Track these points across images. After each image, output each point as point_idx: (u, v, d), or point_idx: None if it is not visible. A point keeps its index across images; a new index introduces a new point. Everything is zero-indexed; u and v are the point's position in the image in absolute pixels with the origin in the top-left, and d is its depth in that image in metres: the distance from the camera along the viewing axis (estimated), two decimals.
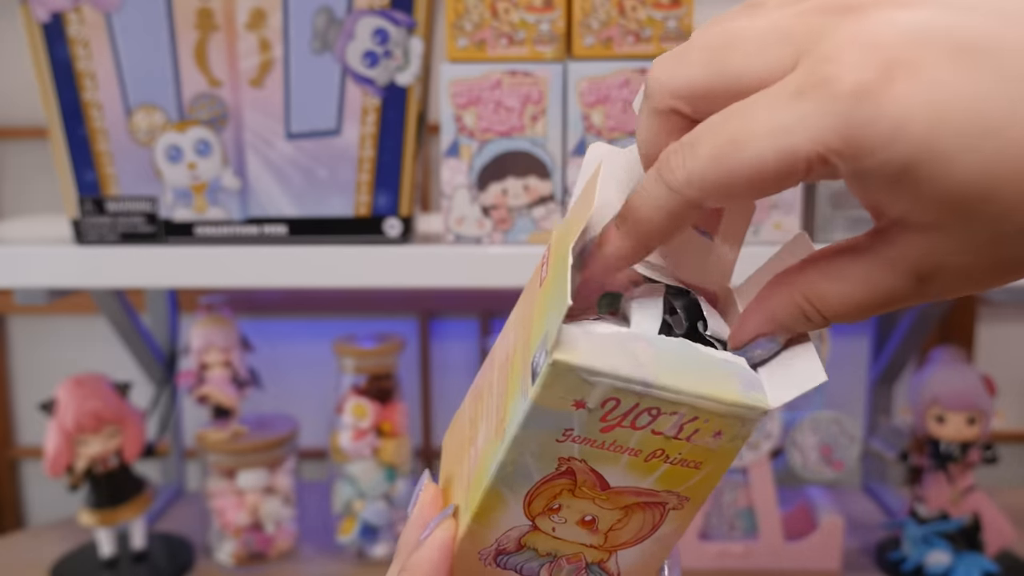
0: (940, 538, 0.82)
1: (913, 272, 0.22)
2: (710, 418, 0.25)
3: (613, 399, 0.24)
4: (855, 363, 1.08)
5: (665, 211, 0.24)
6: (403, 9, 0.65)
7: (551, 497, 0.26)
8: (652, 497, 0.26)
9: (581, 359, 0.24)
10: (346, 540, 0.87)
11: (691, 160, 0.23)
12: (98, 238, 0.70)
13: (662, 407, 0.25)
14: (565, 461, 0.26)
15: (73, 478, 0.80)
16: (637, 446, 0.25)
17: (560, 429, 0.25)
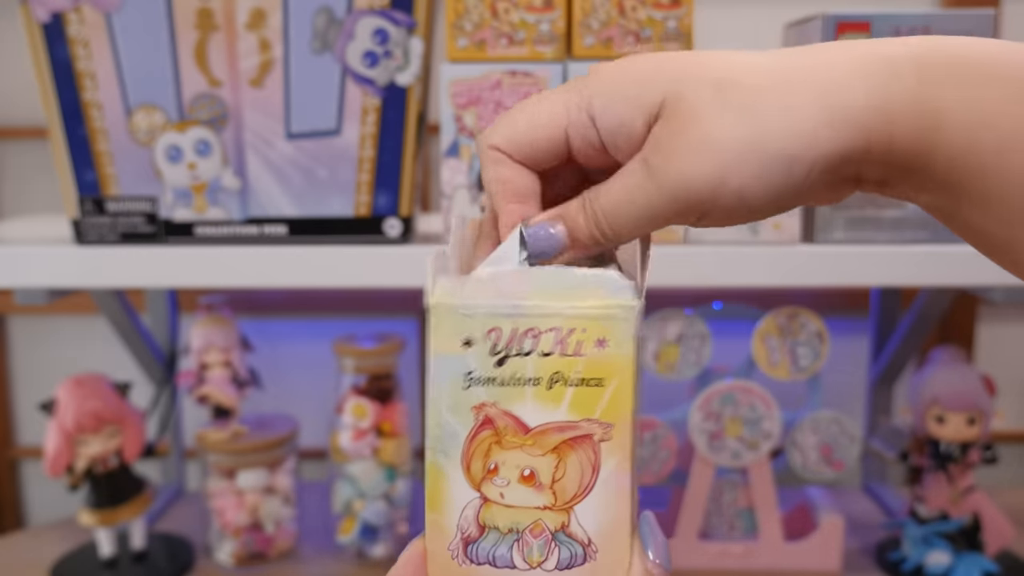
0: (940, 538, 0.82)
1: (643, 162, 0.28)
2: (586, 326, 0.27)
3: (494, 329, 0.27)
4: (855, 363, 1.08)
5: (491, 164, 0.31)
6: (403, 9, 0.65)
7: (484, 455, 0.28)
8: (574, 430, 0.27)
9: (455, 299, 0.27)
10: (346, 540, 0.87)
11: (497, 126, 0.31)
12: (98, 238, 0.70)
13: (539, 325, 0.27)
14: (479, 409, 0.28)
15: (73, 478, 0.80)
16: (535, 374, 0.27)
17: (461, 374, 0.27)
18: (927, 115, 0.26)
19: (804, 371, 0.81)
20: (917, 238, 0.68)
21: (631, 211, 0.28)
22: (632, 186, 0.28)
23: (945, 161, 0.26)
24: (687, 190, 0.27)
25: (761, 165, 0.26)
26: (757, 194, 0.27)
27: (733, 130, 0.26)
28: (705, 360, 0.81)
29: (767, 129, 0.26)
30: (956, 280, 0.68)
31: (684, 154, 0.27)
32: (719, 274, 0.67)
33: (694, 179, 0.27)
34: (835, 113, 0.26)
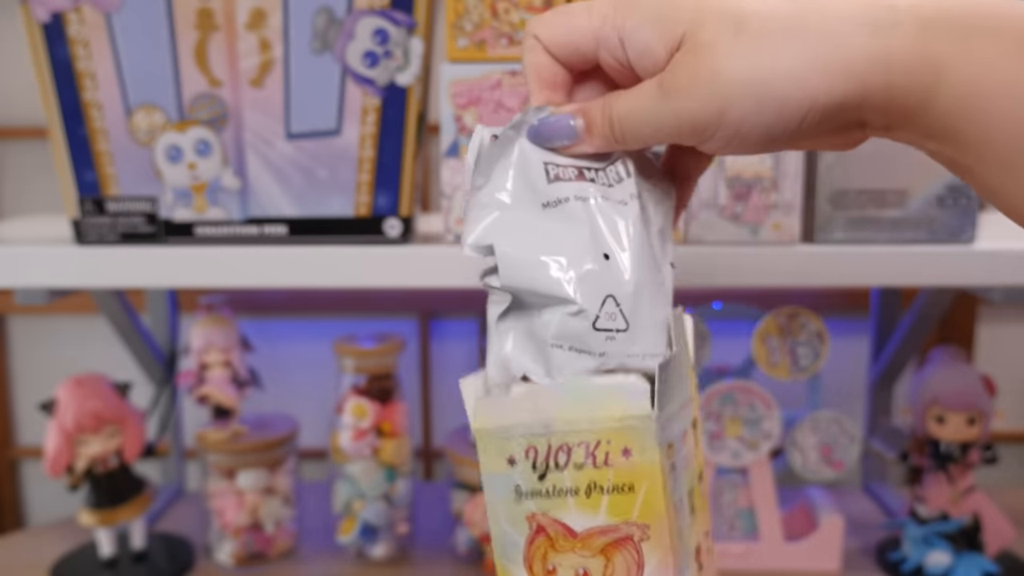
0: (940, 538, 0.82)
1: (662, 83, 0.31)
2: (611, 437, 0.29)
3: (530, 448, 0.30)
4: (855, 363, 1.08)
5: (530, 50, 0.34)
6: (403, 9, 0.65)
7: (542, 558, 0.31)
8: (616, 532, 0.30)
9: (494, 422, 0.31)
10: (346, 540, 0.87)
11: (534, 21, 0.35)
12: (98, 238, 0.70)
13: (569, 440, 0.30)
14: (531, 519, 0.30)
15: (73, 478, 0.80)
16: (573, 484, 0.30)
17: (511, 489, 0.30)
18: (927, 64, 0.27)
19: (804, 371, 0.81)
20: (917, 238, 0.68)
21: (640, 121, 0.31)
22: (644, 101, 0.31)
23: (944, 109, 0.27)
24: (691, 116, 0.30)
25: (757, 103, 0.29)
26: (752, 130, 0.29)
27: (738, 68, 0.29)
28: (705, 360, 0.81)
29: (768, 70, 0.28)
30: (956, 280, 0.68)
31: (693, 84, 0.29)
32: (719, 274, 0.67)
33: (697, 108, 0.29)
34: (831, 62, 0.28)
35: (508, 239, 0.31)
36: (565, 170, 0.33)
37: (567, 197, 0.32)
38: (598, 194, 0.32)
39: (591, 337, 0.30)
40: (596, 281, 0.30)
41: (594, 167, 0.33)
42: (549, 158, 0.33)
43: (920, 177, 0.67)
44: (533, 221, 0.32)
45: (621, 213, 0.32)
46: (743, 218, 0.68)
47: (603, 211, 0.32)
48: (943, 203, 0.68)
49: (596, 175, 0.33)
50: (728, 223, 0.68)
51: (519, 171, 0.33)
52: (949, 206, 0.68)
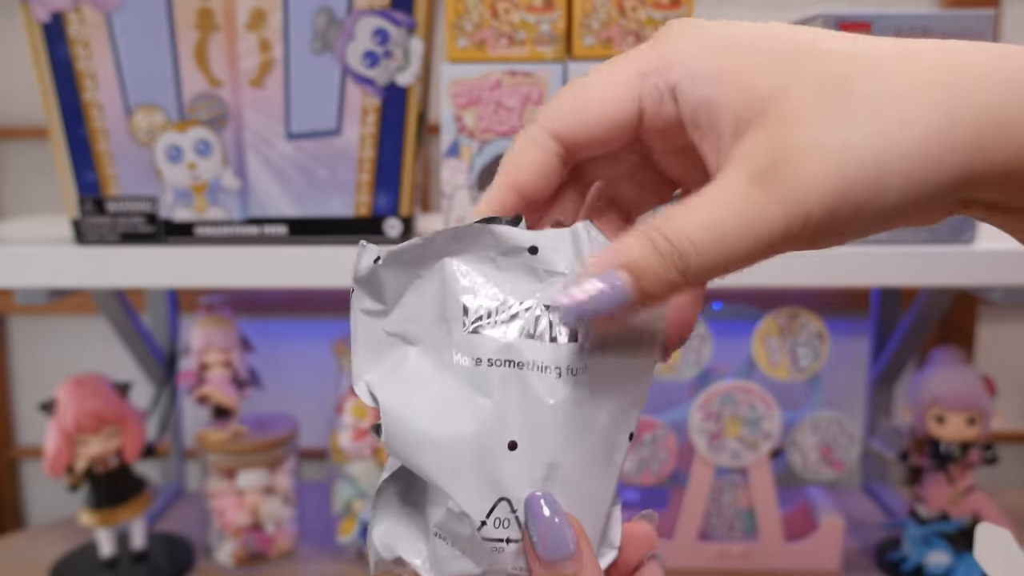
0: (940, 538, 0.82)
1: (749, 171, 0.23)
2: None
3: None
4: (855, 363, 1.08)
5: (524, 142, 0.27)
6: (403, 9, 0.65)
7: None
8: None
9: None
10: (346, 540, 0.87)
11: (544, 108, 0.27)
12: (98, 238, 0.70)
13: None
14: None
15: (73, 478, 0.80)
16: None
17: None
18: None
19: (804, 371, 0.81)
20: (917, 238, 0.68)
21: (733, 236, 0.23)
22: (734, 202, 0.23)
23: None
24: (807, 204, 0.22)
25: (879, 184, 0.22)
26: (869, 215, 0.23)
27: (852, 143, 0.22)
28: (705, 360, 0.81)
29: (889, 144, 0.22)
30: (956, 280, 0.68)
31: (803, 163, 0.22)
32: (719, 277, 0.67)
33: (816, 192, 0.22)
34: (963, 133, 0.22)
35: (399, 396, 0.26)
36: (493, 316, 0.26)
37: (485, 359, 0.25)
38: (528, 355, 0.25)
39: (475, 545, 0.26)
40: (490, 478, 0.25)
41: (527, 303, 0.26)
42: (472, 288, 0.26)
43: None
44: (433, 377, 0.26)
45: (551, 389, 0.25)
46: None
47: (525, 383, 0.25)
48: None
49: (535, 325, 0.25)
50: None
51: (437, 303, 0.26)
52: None
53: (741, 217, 0.23)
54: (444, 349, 0.26)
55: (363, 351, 0.27)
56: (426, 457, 0.25)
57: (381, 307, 0.27)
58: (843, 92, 0.22)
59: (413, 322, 0.27)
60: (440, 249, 0.26)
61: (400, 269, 0.27)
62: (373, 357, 0.27)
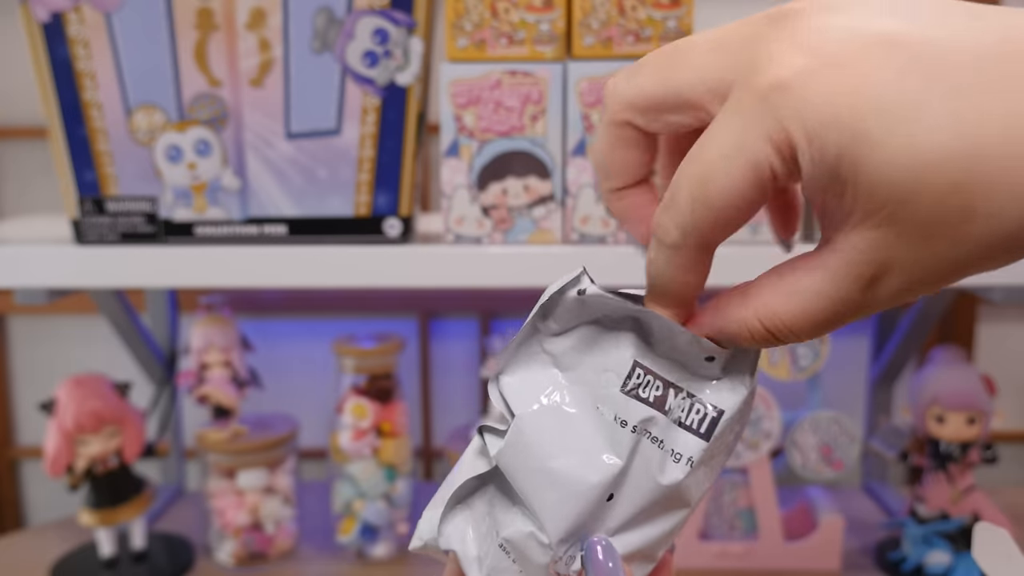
0: (940, 538, 0.82)
1: (861, 277, 0.22)
2: None
3: None
4: (855, 363, 1.08)
5: (680, 267, 0.25)
6: (403, 9, 0.65)
7: None
8: None
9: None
10: (346, 540, 0.87)
11: (676, 214, 0.24)
12: (98, 238, 0.70)
13: None
14: None
15: (73, 478, 0.80)
16: None
17: None
18: None
19: (804, 371, 0.81)
20: None
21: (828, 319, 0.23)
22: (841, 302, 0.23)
23: None
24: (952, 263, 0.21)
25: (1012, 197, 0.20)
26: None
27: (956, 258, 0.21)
28: None
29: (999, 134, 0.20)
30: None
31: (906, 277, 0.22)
32: (719, 274, 0.67)
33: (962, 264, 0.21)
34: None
35: (536, 419, 0.27)
36: (651, 384, 0.27)
37: (630, 422, 0.26)
38: (660, 431, 0.27)
39: (539, 572, 0.27)
40: (584, 522, 0.26)
41: (686, 389, 0.27)
42: (644, 355, 0.27)
43: None
44: (575, 415, 0.27)
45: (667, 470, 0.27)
46: None
47: (649, 453, 0.27)
48: None
49: (677, 403, 0.27)
50: None
51: (606, 352, 0.27)
52: None
53: (838, 311, 0.23)
54: (594, 394, 0.27)
55: (514, 354, 0.28)
56: (538, 484, 0.26)
57: (555, 328, 0.28)
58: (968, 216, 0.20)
59: (573, 355, 0.28)
60: (634, 313, 0.27)
61: (591, 309, 0.27)
62: (521, 363, 0.28)
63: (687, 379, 0.27)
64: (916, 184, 0.20)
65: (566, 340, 0.28)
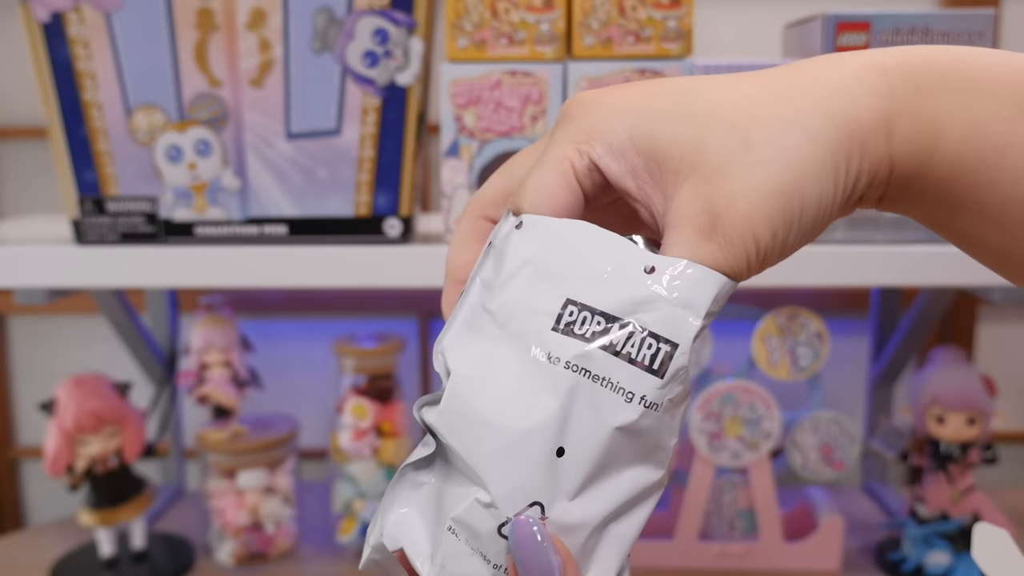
0: (940, 538, 0.82)
1: (702, 229, 0.25)
2: None
3: None
4: (855, 363, 1.08)
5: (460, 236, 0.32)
6: (403, 9, 0.65)
7: None
8: None
9: None
10: (346, 540, 0.87)
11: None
12: (98, 238, 0.70)
13: None
14: None
15: (73, 478, 0.80)
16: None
17: None
18: (924, 127, 0.25)
19: (804, 371, 0.81)
20: (917, 238, 0.68)
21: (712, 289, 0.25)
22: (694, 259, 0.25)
23: (942, 173, 0.26)
24: (755, 241, 0.25)
25: (801, 212, 0.25)
26: (794, 240, 0.26)
27: (773, 183, 0.25)
28: (705, 360, 0.81)
29: (799, 176, 0.25)
30: (956, 280, 0.68)
31: (737, 211, 0.25)
32: None
33: (756, 229, 0.25)
34: (852, 139, 0.25)
35: (472, 372, 0.26)
36: (588, 319, 0.25)
37: (563, 360, 0.25)
38: (604, 368, 0.25)
39: (488, 544, 0.25)
40: (529, 479, 0.24)
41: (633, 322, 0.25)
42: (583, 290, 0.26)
43: None
44: (509, 364, 0.26)
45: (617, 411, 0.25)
46: None
47: (595, 397, 0.25)
48: None
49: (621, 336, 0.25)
50: None
51: (541, 292, 0.26)
52: None
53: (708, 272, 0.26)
54: (528, 339, 0.25)
55: (459, 319, 0.27)
56: (474, 438, 0.25)
57: (495, 279, 0.27)
58: (746, 143, 0.25)
59: (511, 306, 0.26)
60: (567, 242, 0.26)
61: (529, 243, 0.27)
62: (463, 328, 0.27)
63: (632, 311, 0.25)
64: (700, 131, 0.26)
65: (505, 291, 0.26)
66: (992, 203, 0.25)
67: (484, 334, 0.27)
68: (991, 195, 0.25)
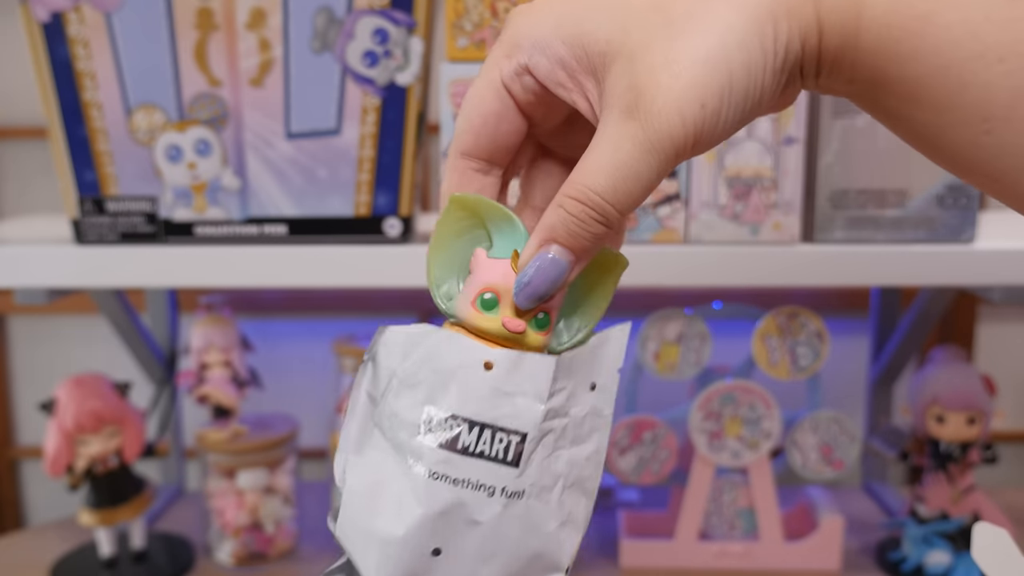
0: (940, 538, 0.82)
1: (627, 107, 0.25)
2: None
3: None
4: (855, 363, 1.08)
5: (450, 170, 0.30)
6: (403, 9, 0.65)
7: None
8: None
9: None
10: None
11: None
12: (98, 238, 0.70)
13: None
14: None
15: (73, 478, 0.80)
16: None
17: None
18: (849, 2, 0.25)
19: (804, 371, 0.81)
20: (917, 238, 0.68)
21: (633, 166, 0.25)
22: (620, 139, 0.25)
23: (868, 44, 0.25)
24: (679, 113, 0.25)
25: (730, 81, 0.25)
26: (730, 113, 0.26)
27: (695, 54, 0.25)
28: (705, 360, 0.81)
29: (722, 43, 0.25)
30: (956, 280, 0.68)
31: (661, 83, 0.25)
32: (719, 274, 0.67)
33: (681, 100, 0.25)
34: (777, 4, 0.25)
35: (360, 484, 0.27)
36: (443, 424, 0.27)
37: (428, 468, 0.27)
38: (462, 471, 0.26)
39: None
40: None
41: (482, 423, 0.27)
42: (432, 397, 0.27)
43: (920, 177, 0.67)
44: (394, 474, 0.27)
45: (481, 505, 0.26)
46: (743, 218, 0.68)
47: (457, 497, 0.26)
48: (943, 203, 0.68)
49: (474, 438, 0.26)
50: (728, 223, 0.68)
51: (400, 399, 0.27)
52: (949, 206, 0.68)
53: (630, 151, 0.25)
54: (404, 450, 0.27)
55: (353, 433, 0.28)
56: (362, 548, 0.26)
57: (375, 392, 0.28)
58: (667, 20, 0.25)
59: (388, 419, 0.28)
60: (420, 350, 0.27)
61: (390, 355, 0.28)
62: (358, 442, 0.28)
63: (480, 410, 0.27)
64: (625, 14, 0.26)
65: (383, 404, 0.28)
66: (916, 76, 0.25)
67: (375, 447, 0.28)
68: (915, 67, 0.25)
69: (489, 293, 0.27)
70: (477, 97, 0.29)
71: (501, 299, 0.27)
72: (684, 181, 0.68)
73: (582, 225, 0.26)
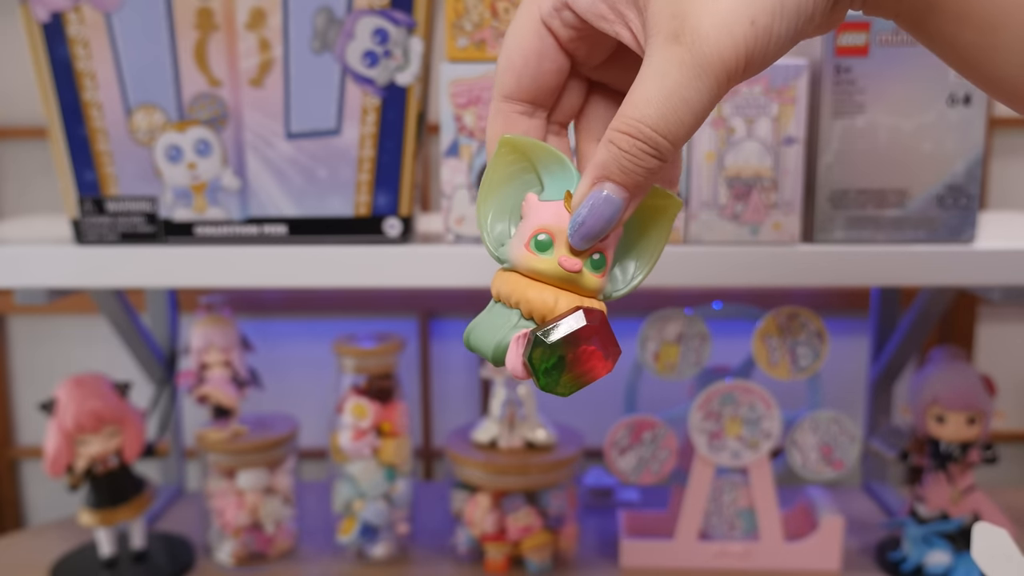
0: (940, 538, 0.82)
1: (672, 33, 0.24)
2: None
3: None
4: (855, 363, 1.08)
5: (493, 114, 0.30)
6: (403, 9, 0.65)
7: None
8: None
9: None
10: (346, 540, 0.87)
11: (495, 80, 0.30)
12: (98, 238, 0.70)
13: None
14: None
15: (73, 478, 0.80)
16: None
17: None
18: None
19: (804, 371, 0.81)
20: (917, 238, 0.68)
21: (682, 95, 0.24)
22: (668, 68, 0.24)
23: None
24: (732, 42, 0.24)
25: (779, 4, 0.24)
26: (782, 29, 0.24)
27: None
28: (705, 360, 0.81)
29: None
30: (956, 280, 0.68)
31: (710, 8, 0.24)
32: (719, 274, 0.67)
33: (728, 23, 0.24)
34: None
35: None
36: None
37: None
38: None
39: None
40: None
41: None
42: None
43: (920, 177, 0.67)
44: None
45: None
46: (743, 218, 0.68)
47: None
48: (943, 203, 0.68)
49: None
50: (728, 223, 0.68)
51: None
52: (949, 206, 0.68)
53: (677, 78, 0.24)
54: None
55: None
56: None
57: None
58: None
59: None
60: None
61: None
62: None
63: None
64: None
65: None
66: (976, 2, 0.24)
67: None
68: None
69: (543, 234, 0.28)
70: (516, 36, 0.28)
71: (555, 240, 0.28)
72: (684, 181, 0.68)
73: (634, 160, 0.25)
